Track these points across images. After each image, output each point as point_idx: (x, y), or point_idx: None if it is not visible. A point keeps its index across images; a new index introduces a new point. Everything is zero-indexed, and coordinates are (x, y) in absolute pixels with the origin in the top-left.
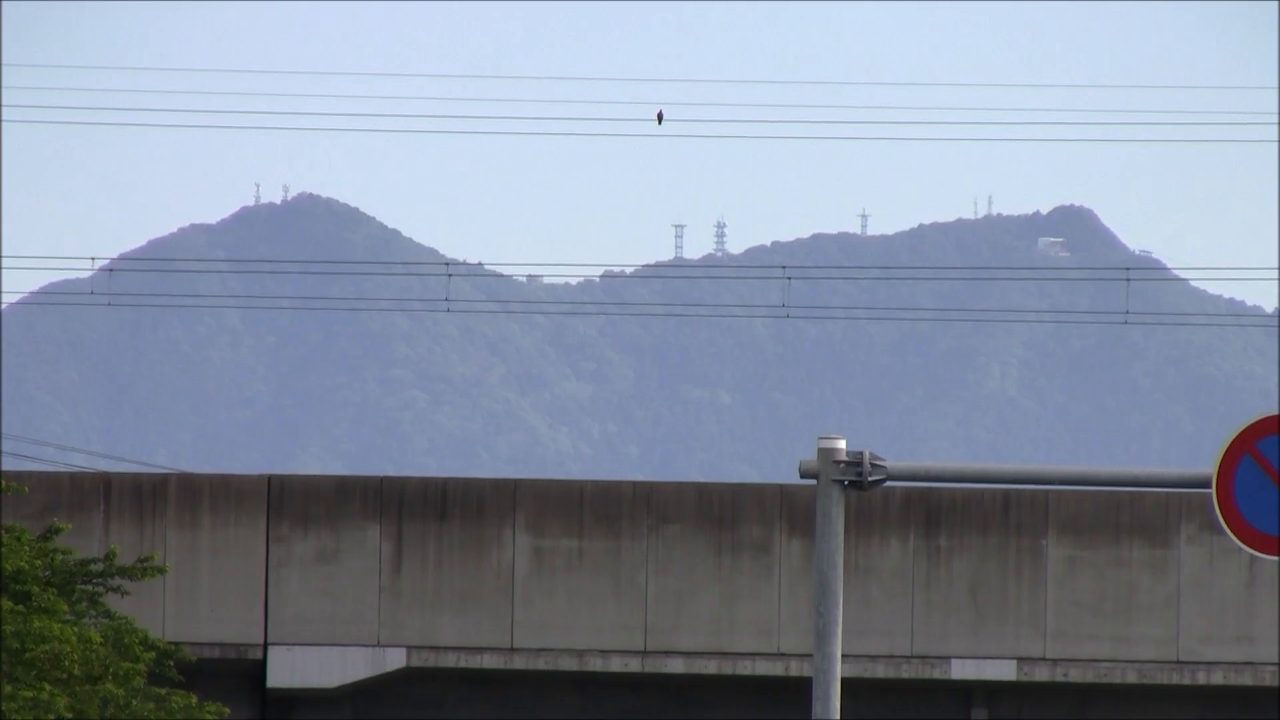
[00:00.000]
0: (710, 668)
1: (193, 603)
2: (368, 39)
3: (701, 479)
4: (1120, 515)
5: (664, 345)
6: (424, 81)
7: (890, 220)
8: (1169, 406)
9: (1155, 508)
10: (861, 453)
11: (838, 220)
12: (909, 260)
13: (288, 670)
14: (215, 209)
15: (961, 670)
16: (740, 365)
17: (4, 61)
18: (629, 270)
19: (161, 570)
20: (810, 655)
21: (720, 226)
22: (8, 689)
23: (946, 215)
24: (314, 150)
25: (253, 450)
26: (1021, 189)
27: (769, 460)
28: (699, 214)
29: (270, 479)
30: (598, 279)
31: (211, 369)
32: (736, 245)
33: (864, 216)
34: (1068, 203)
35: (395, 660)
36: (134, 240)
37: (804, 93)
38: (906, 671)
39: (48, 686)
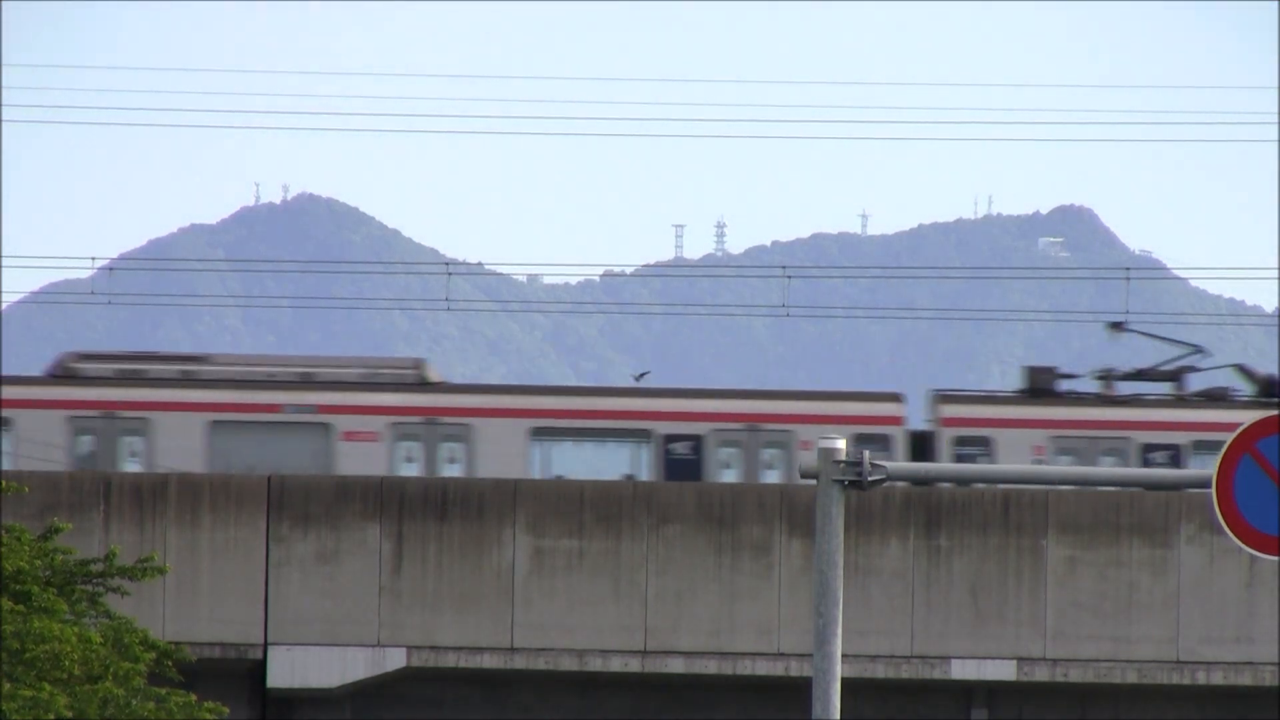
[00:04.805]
0: (710, 668)
1: (193, 603)
2: (367, 39)
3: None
4: (1120, 515)
5: (664, 345)
6: (424, 81)
7: (890, 220)
8: None
9: (1155, 508)
10: (862, 452)
11: (838, 220)
12: (909, 260)
13: (288, 670)
14: (215, 209)
15: (961, 670)
16: (740, 365)
17: (4, 61)
18: (629, 270)
19: (161, 570)
20: (810, 655)
21: (720, 226)
22: (8, 689)
23: (946, 215)
24: (314, 150)
25: None
26: (1021, 189)
27: None
28: (699, 214)
29: (270, 479)
30: (598, 279)
31: None
32: (736, 245)
33: (864, 216)
34: (1068, 203)
35: (395, 660)
36: (134, 240)
37: (804, 93)
38: (906, 671)
39: (48, 686)
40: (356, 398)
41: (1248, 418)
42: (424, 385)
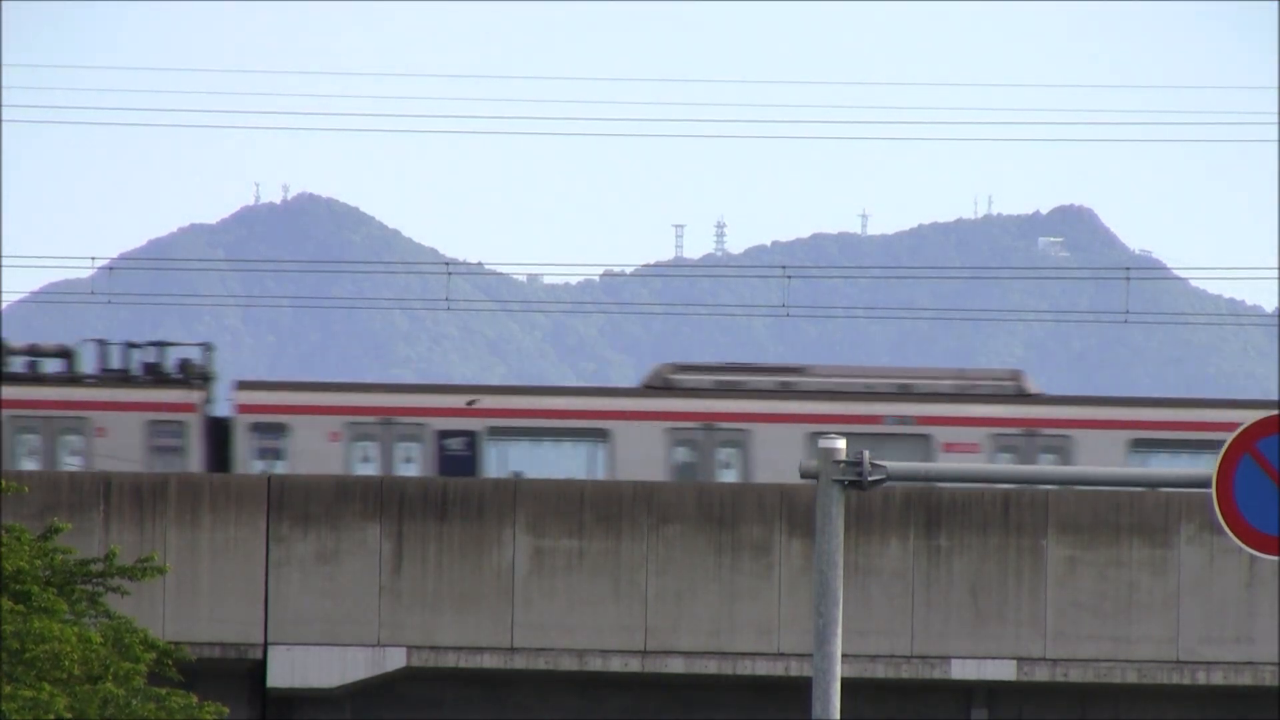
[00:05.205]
0: (710, 668)
1: (193, 603)
2: (367, 39)
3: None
4: (1120, 515)
5: (664, 345)
6: (424, 81)
7: (890, 220)
8: None
9: (1155, 508)
10: (862, 452)
11: (838, 220)
12: (909, 260)
13: (288, 670)
14: (215, 209)
15: (961, 670)
16: None
17: (4, 61)
18: (629, 270)
19: (161, 570)
20: (810, 655)
21: (720, 226)
22: (8, 689)
23: (946, 215)
24: (314, 150)
25: None
26: (1021, 189)
27: None
28: (699, 214)
29: (270, 478)
30: (598, 279)
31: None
32: (736, 245)
33: (864, 216)
34: (1068, 203)
35: (395, 660)
36: (134, 240)
37: (804, 93)
38: (906, 671)
39: (47, 686)
40: (956, 409)
41: None
42: (1022, 396)
